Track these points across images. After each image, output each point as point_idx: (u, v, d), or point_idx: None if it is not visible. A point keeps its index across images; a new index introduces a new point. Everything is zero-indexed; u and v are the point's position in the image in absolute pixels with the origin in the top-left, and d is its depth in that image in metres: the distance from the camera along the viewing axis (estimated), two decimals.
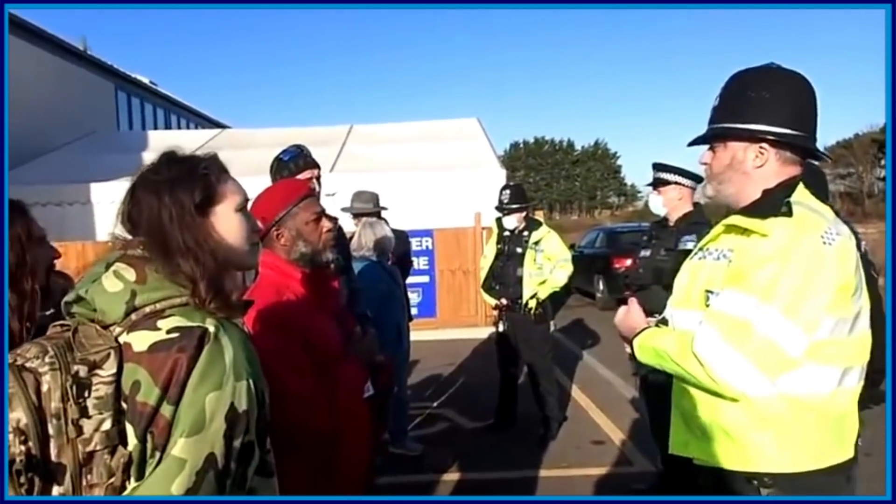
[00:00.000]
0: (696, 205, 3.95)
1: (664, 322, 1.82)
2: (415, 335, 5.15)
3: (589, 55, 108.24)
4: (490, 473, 4.46)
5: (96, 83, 17.67)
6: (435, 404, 6.13)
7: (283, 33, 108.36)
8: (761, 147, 1.65)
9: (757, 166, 1.66)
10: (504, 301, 5.16)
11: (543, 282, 5.05)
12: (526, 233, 5.13)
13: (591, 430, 5.26)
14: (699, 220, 3.84)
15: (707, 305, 1.62)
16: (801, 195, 1.63)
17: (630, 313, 1.86)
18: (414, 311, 8.30)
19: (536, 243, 5.07)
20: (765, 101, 1.64)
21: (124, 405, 1.08)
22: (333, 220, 2.02)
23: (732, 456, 1.58)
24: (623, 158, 75.09)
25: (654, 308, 3.65)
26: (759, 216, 1.56)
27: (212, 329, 1.13)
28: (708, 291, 1.64)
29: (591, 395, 6.23)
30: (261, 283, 1.89)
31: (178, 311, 1.15)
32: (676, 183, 3.87)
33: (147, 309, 1.14)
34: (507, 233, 5.23)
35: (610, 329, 8.07)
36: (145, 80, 21.51)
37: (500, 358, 5.37)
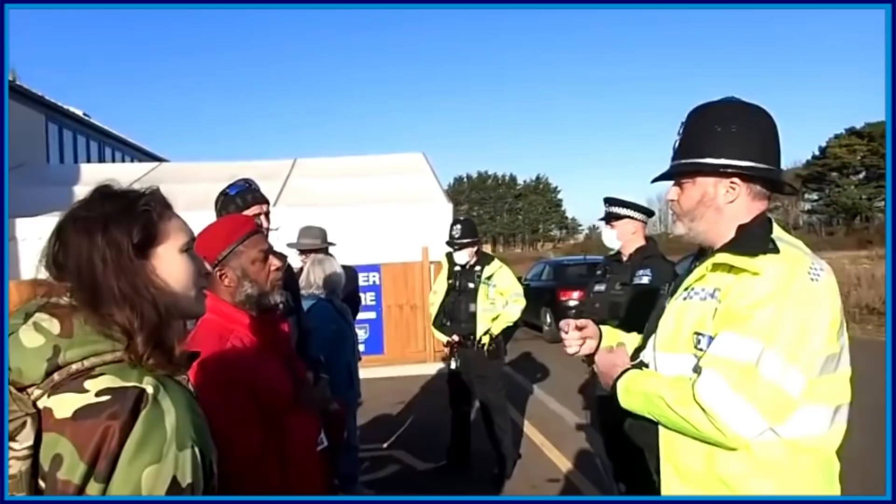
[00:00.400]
0: (649, 239, 3.96)
1: (643, 366, 1.73)
2: (362, 373, 4.95)
3: (531, 90, 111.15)
4: None
5: (25, 114, 16.93)
6: (385, 445, 5.91)
7: (224, 64, 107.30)
8: (732, 182, 1.61)
9: (728, 201, 1.62)
10: (456, 337, 5.04)
11: (496, 317, 4.96)
12: (478, 267, 5.05)
13: (546, 468, 5.15)
14: (653, 254, 3.84)
15: (697, 348, 1.55)
16: (778, 231, 1.60)
17: (615, 353, 1.77)
18: (361, 347, 8.11)
19: (489, 278, 4.99)
20: (733, 136, 1.60)
21: (42, 484, 0.91)
22: (282, 257, 1.87)
23: None
24: (564, 192, 76.85)
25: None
26: (749, 254, 1.50)
27: (150, 390, 0.98)
28: (697, 334, 1.56)
29: (544, 430, 6.13)
30: (202, 329, 1.72)
31: (110, 369, 0.99)
32: (629, 217, 3.87)
33: (73, 367, 0.98)
34: (457, 268, 5.14)
35: (559, 362, 8.10)
36: (78, 112, 20.76)
37: (451, 396, 5.23)
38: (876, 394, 2.53)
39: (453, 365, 5.11)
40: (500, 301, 4.99)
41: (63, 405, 0.94)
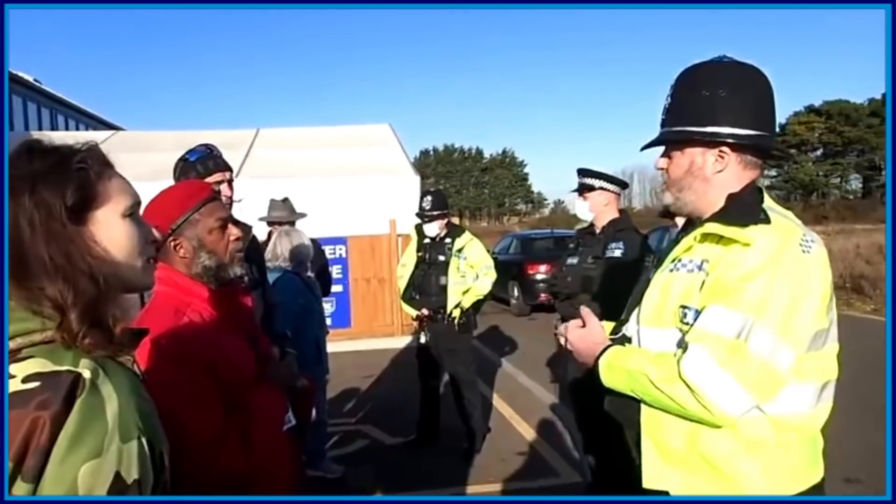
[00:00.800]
0: (622, 211, 3.91)
1: (626, 340, 1.66)
2: (330, 346, 4.85)
3: (497, 63, 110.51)
4: (415, 492, 4.23)
5: None
6: (353, 420, 5.83)
7: (183, 30, 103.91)
8: (721, 151, 1.52)
9: (717, 171, 1.54)
10: (426, 311, 4.95)
11: (467, 290, 4.88)
12: (448, 240, 4.95)
13: (516, 442, 5.13)
14: (625, 227, 3.80)
15: (683, 322, 1.47)
16: (768, 201, 1.53)
17: (590, 330, 1.69)
18: (328, 321, 7.99)
19: (460, 250, 4.90)
20: (721, 100, 1.51)
21: None
22: (245, 227, 1.73)
23: (715, 486, 1.44)
24: (530, 167, 77.11)
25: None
26: (739, 224, 1.43)
27: (87, 374, 0.85)
28: (683, 307, 1.49)
29: (513, 404, 6.12)
30: (155, 303, 1.58)
31: (40, 350, 0.86)
32: (602, 188, 3.81)
33: (7, 350, 0.85)
34: (427, 240, 5.03)
35: (527, 335, 8.12)
36: (28, 78, 19.88)
37: (420, 370, 5.16)
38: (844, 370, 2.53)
39: (423, 339, 5.03)
40: (470, 274, 4.91)
41: None
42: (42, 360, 0.85)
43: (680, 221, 3.56)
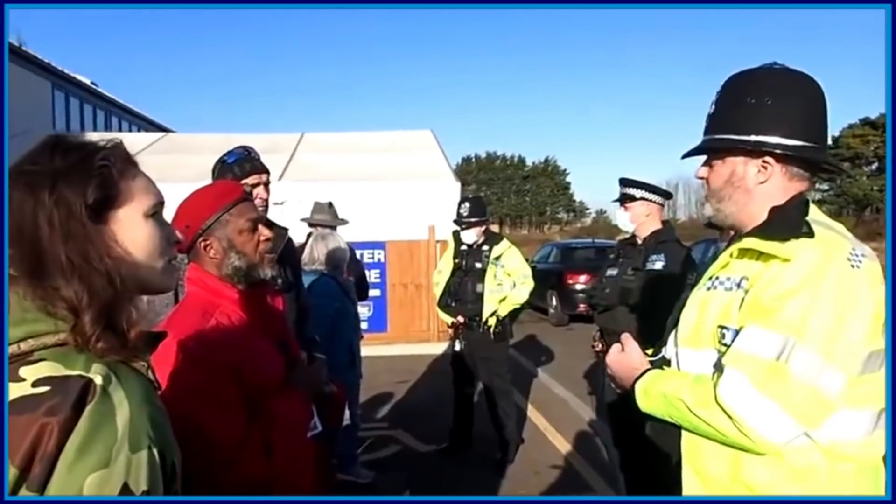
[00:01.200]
0: (665, 223, 3.80)
1: (665, 363, 1.59)
2: (365, 351, 4.85)
3: (542, 71, 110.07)
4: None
5: (31, 81, 16.76)
6: (386, 425, 5.82)
7: (234, 35, 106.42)
8: (764, 161, 1.45)
9: (759, 182, 1.46)
10: (461, 318, 4.91)
11: (503, 299, 4.83)
12: (486, 247, 4.91)
13: (550, 455, 5.04)
14: (668, 239, 3.70)
15: (721, 343, 1.40)
16: (815, 213, 1.44)
17: (628, 353, 1.62)
18: (364, 325, 8.02)
19: (497, 258, 4.85)
20: (767, 109, 1.44)
21: None
22: (281, 230, 1.72)
23: None
24: (572, 175, 76.38)
25: (620, 329, 3.51)
26: (779, 238, 1.35)
27: (98, 380, 0.82)
28: (721, 327, 1.41)
29: (548, 415, 6.02)
30: (185, 304, 1.58)
31: (51, 353, 0.83)
32: (643, 199, 3.71)
33: (8, 351, 0.83)
34: (464, 247, 5.00)
35: (564, 346, 7.98)
36: (85, 81, 20.60)
37: (455, 377, 5.12)
38: None
39: (458, 346, 4.99)
40: (507, 282, 4.85)
41: None
42: (53, 364, 0.82)
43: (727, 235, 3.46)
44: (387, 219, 9.74)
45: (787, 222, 1.38)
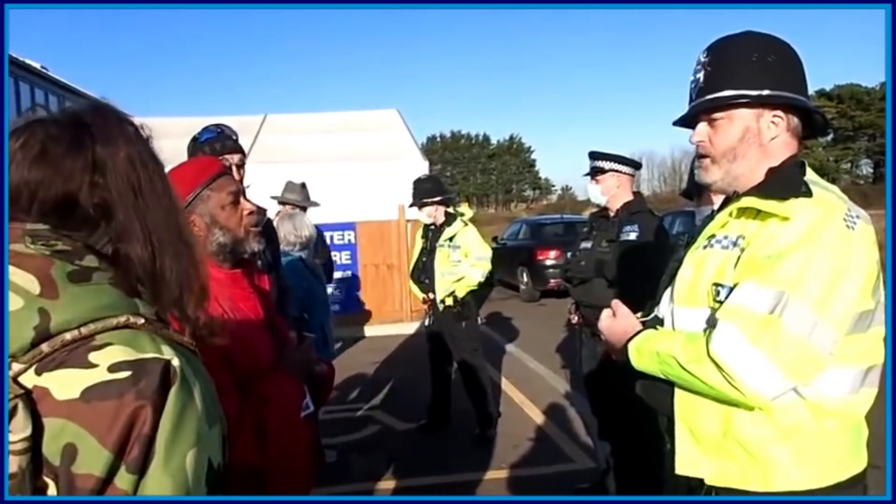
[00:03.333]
0: (636, 194, 3.84)
1: (658, 322, 1.61)
2: (338, 332, 4.85)
3: (505, 48, 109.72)
4: (426, 478, 4.21)
5: None
6: (364, 406, 5.82)
7: (189, 15, 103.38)
8: (776, 114, 1.45)
9: (772, 137, 1.45)
10: (431, 295, 4.95)
11: (460, 278, 4.85)
12: (445, 228, 4.93)
13: (527, 428, 5.10)
14: (640, 209, 3.73)
15: (716, 301, 1.41)
16: (811, 174, 1.46)
17: (619, 316, 1.63)
18: (336, 307, 7.97)
19: (450, 239, 4.87)
20: (771, 64, 1.44)
21: (50, 482, 0.73)
22: (261, 209, 1.69)
23: (750, 475, 1.38)
24: (538, 153, 76.60)
25: (597, 302, 3.54)
26: (778, 197, 1.36)
27: (175, 362, 0.81)
28: (716, 285, 1.42)
29: (524, 390, 6.09)
30: None
31: (115, 336, 0.79)
32: (613, 170, 3.73)
33: (67, 336, 0.77)
34: (432, 227, 5.01)
35: (536, 321, 8.04)
36: (36, 65, 19.85)
37: (431, 354, 5.15)
38: None
39: (427, 322, 5.06)
40: (465, 262, 4.87)
41: (65, 384, 0.74)
42: (124, 348, 0.79)
43: (707, 203, 3.49)
44: (356, 200, 9.66)
45: (786, 181, 1.39)
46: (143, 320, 0.83)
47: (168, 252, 0.88)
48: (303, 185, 4.92)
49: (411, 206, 4.98)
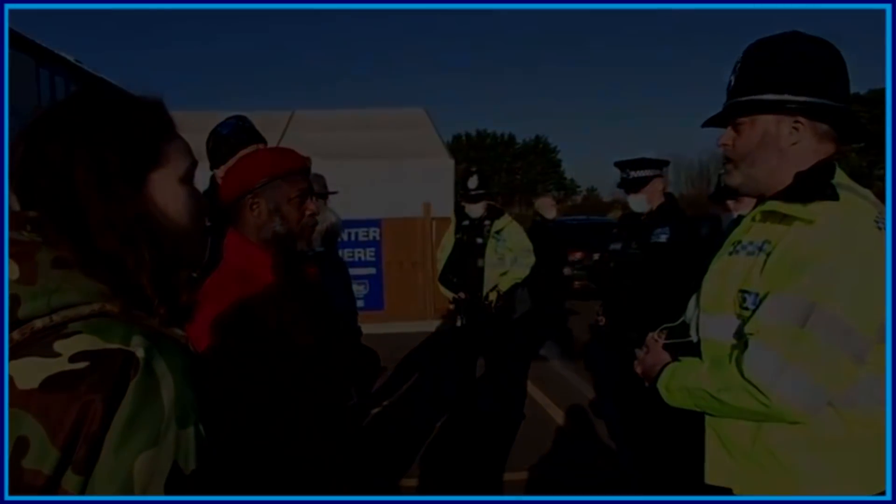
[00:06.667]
0: (668, 195, 3.79)
1: (682, 328, 1.60)
2: (362, 328, 4.83)
3: (532, 50, 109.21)
4: (445, 478, 4.21)
5: (15, 58, 16.44)
6: (385, 402, 5.84)
7: (221, 10, 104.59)
8: (796, 120, 1.43)
9: (792, 143, 1.44)
10: (462, 294, 4.92)
11: (504, 273, 4.83)
12: (487, 222, 4.91)
13: (551, 431, 5.08)
14: (672, 211, 3.69)
15: (741, 308, 1.40)
16: (841, 177, 1.44)
17: (651, 353, 1.64)
18: (360, 303, 7.98)
19: (498, 232, 4.86)
20: (798, 68, 1.43)
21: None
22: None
23: (779, 484, 1.37)
24: (563, 153, 76.15)
25: (623, 302, 3.49)
26: (801, 200, 1.34)
27: (139, 353, 0.75)
28: (742, 292, 1.41)
29: (549, 392, 6.06)
30: (222, 271, 1.55)
31: (87, 325, 0.75)
32: (658, 176, 3.67)
33: (38, 324, 0.74)
34: (466, 222, 5.00)
35: (562, 323, 7.92)
36: (69, 58, 20.23)
37: (457, 353, 5.14)
38: None
39: (458, 322, 5.01)
40: (508, 257, 4.86)
41: (26, 373, 0.71)
42: (90, 337, 0.74)
43: (736, 206, 3.44)
44: (381, 196, 9.70)
45: (810, 185, 1.38)
46: (118, 308, 0.78)
47: (143, 241, 0.83)
48: (317, 175, 4.88)
49: (468, 199, 4.92)
